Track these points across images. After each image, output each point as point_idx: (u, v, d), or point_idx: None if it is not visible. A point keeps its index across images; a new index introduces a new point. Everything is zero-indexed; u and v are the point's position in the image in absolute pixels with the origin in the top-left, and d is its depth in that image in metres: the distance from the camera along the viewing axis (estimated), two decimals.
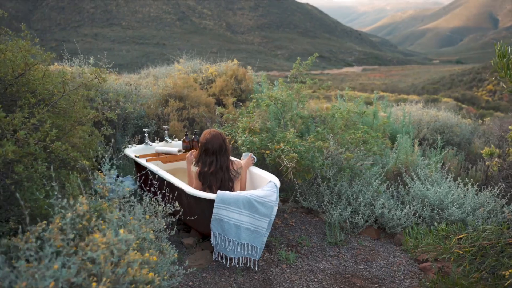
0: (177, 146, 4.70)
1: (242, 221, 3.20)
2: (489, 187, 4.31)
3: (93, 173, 2.61)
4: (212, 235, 3.26)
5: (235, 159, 3.94)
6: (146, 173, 4.16)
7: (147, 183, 4.38)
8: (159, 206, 2.63)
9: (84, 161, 2.61)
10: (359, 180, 4.39)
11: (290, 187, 4.62)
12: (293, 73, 5.10)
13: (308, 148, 4.09)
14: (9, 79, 2.75)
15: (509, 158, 4.36)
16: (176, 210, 2.83)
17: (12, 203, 2.28)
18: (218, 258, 3.34)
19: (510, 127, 3.56)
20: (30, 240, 1.77)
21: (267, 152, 4.16)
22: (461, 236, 3.10)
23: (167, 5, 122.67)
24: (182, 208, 3.68)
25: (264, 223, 3.27)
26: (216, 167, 3.52)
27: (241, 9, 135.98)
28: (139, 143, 5.04)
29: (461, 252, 2.99)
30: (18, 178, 2.12)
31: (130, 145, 4.60)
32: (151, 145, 4.65)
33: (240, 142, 4.31)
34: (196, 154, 3.71)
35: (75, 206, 1.69)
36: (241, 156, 4.11)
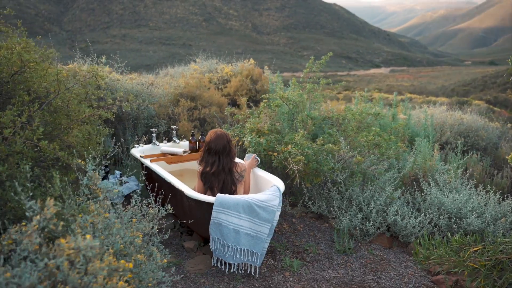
0: (185, 147, 4.62)
1: (242, 226, 3.06)
2: None
3: (86, 173, 2.53)
4: (211, 240, 3.14)
5: (240, 161, 3.81)
6: (151, 174, 4.09)
7: (152, 184, 4.32)
8: (151, 209, 2.53)
9: (80, 161, 2.54)
10: (372, 185, 4.19)
11: (300, 191, 4.46)
12: (306, 73, 4.93)
13: (317, 151, 3.92)
14: (5, 77, 2.72)
15: None
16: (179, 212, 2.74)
17: None
18: (217, 264, 3.22)
19: None
20: (8, 242, 1.71)
21: (275, 154, 4.01)
22: (477, 249, 2.87)
23: (194, 6, 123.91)
24: (184, 211, 3.60)
25: (265, 229, 3.13)
26: (218, 168, 3.40)
27: (267, 10, 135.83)
28: (148, 143, 4.99)
29: (476, 266, 2.77)
30: (0, 178, 2.06)
31: (137, 145, 4.54)
32: (159, 145, 4.58)
33: (247, 144, 4.18)
34: (201, 153, 3.62)
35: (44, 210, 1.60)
36: (244, 157, 3.98)
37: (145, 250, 2.42)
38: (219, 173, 3.41)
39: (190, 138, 4.38)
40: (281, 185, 3.41)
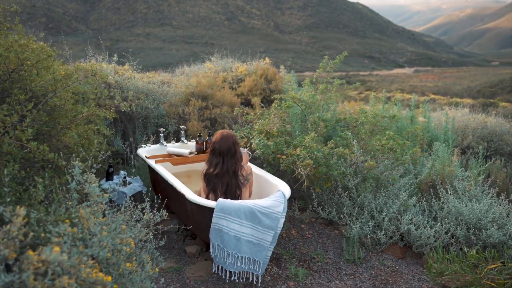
0: (193, 148, 4.51)
1: (243, 233, 2.93)
2: None
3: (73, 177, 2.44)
4: (211, 246, 3.01)
5: (246, 164, 3.67)
6: (156, 175, 4.00)
7: (156, 186, 4.23)
8: (146, 215, 2.42)
9: (78, 162, 2.45)
10: (385, 192, 3.98)
11: (309, 195, 4.29)
12: (319, 73, 4.75)
13: (327, 154, 3.74)
14: (2, 75, 2.66)
15: None
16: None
17: None
18: (218, 271, 3.09)
19: None
20: None
21: (283, 157, 3.86)
22: (495, 266, 2.65)
23: (217, 5, 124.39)
24: (186, 214, 3.48)
25: (268, 236, 2.98)
26: (222, 170, 3.27)
27: (290, 9, 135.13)
28: (156, 143, 4.91)
29: (494, 285, 2.55)
30: None
31: (144, 145, 4.46)
32: (166, 146, 4.49)
33: (254, 146, 4.04)
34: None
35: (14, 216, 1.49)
36: None
37: (138, 258, 2.31)
38: (223, 175, 3.28)
39: (197, 139, 4.27)
40: (287, 191, 3.25)
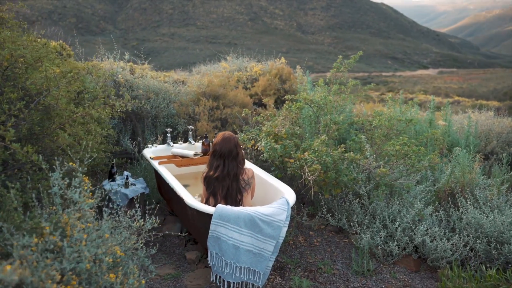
0: (200, 149, 4.38)
1: (243, 242, 2.76)
2: None
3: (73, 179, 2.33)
4: (209, 254, 2.86)
5: (248, 166, 3.51)
6: (160, 177, 3.88)
7: (161, 188, 4.12)
8: (135, 222, 2.29)
9: (72, 164, 2.34)
10: (399, 200, 3.75)
11: (319, 201, 4.09)
12: (333, 73, 4.54)
13: (337, 159, 3.54)
14: None
15: None
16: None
17: None
18: (216, 281, 2.94)
19: None
20: None
21: (291, 161, 3.68)
22: None
23: (240, 6, 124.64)
24: (187, 219, 3.35)
25: (270, 246, 2.81)
26: (223, 173, 3.12)
27: (313, 9, 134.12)
28: (164, 143, 4.80)
29: None
30: None
31: (151, 145, 4.36)
32: (173, 146, 4.38)
33: (261, 148, 3.87)
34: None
35: None
36: None
37: (125, 268, 2.18)
38: (224, 179, 3.13)
39: (203, 140, 4.14)
40: (291, 198, 3.07)
